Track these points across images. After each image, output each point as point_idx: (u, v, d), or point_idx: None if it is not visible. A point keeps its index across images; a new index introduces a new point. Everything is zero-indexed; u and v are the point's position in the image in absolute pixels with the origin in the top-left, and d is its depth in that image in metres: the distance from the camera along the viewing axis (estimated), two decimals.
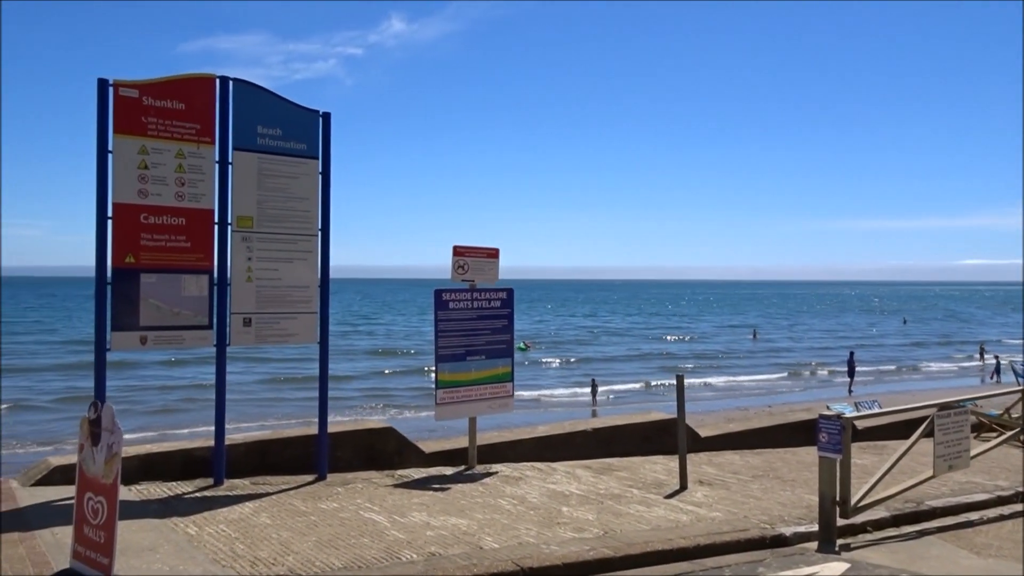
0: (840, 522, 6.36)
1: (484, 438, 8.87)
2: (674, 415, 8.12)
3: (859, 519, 6.62)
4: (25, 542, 5.12)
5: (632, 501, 7.07)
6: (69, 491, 6.25)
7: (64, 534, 5.19)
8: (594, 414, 27.21)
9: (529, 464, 8.55)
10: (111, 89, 6.27)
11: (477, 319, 8.35)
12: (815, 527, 6.35)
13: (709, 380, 35.65)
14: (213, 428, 7.05)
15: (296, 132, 7.23)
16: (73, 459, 6.91)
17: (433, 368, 8.55)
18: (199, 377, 28.59)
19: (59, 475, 6.66)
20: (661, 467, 8.75)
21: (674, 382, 8.04)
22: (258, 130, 7.01)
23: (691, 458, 8.47)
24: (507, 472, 8.09)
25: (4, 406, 21.28)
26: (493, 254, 8.60)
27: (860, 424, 10.80)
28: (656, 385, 33.59)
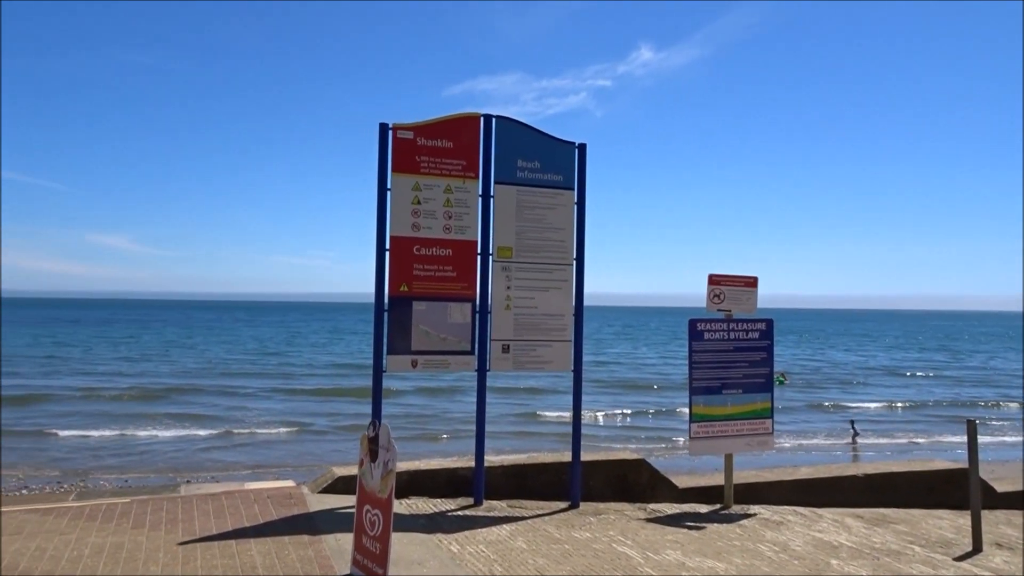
0: None
1: (740, 476, 8.42)
2: (962, 464, 7.16)
3: None
4: (313, 545, 5.64)
5: (914, 560, 6.30)
6: (350, 500, 6.84)
7: (345, 540, 5.65)
8: (855, 458, 24.99)
9: (791, 508, 7.97)
10: (390, 132, 6.86)
11: (733, 351, 8.00)
12: None
13: (1007, 427, 31.26)
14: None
15: (553, 164, 7.43)
16: (352, 470, 7.58)
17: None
18: (416, 408, 29.93)
19: (342, 484, 7.31)
20: (947, 523, 7.75)
21: (954, 432, 7.09)
22: (518, 163, 7.29)
23: (985, 515, 7.41)
24: (767, 515, 7.60)
25: (290, 429, 23.88)
26: (751, 283, 8.21)
27: None
28: (934, 432, 30.08)
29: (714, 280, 8.06)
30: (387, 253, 6.85)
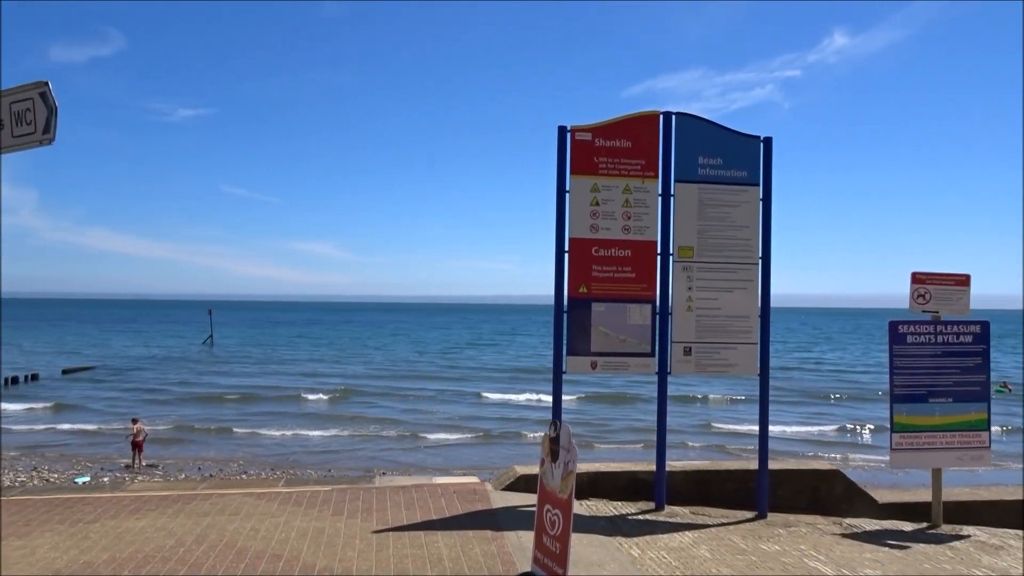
0: None
1: (950, 494, 7.68)
2: None
3: None
4: (496, 541, 5.78)
5: None
6: (531, 498, 6.93)
7: (526, 538, 5.73)
8: None
9: (1013, 532, 7.16)
10: (568, 135, 6.90)
11: (942, 356, 7.31)
12: None
13: None
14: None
15: (736, 160, 7.15)
16: (534, 468, 7.68)
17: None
18: (588, 414, 29.49)
19: (523, 483, 7.44)
20: None
21: None
22: (699, 161, 7.09)
23: None
24: (983, 537, 6.88)
25: (473, 433, 24.52)
26: (962, 281, 7.47)
27: None
28: None
29: (918, 279, 7.42)
30: (566, 255, 6.89)
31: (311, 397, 32.52)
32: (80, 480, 17.06)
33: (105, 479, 17.47)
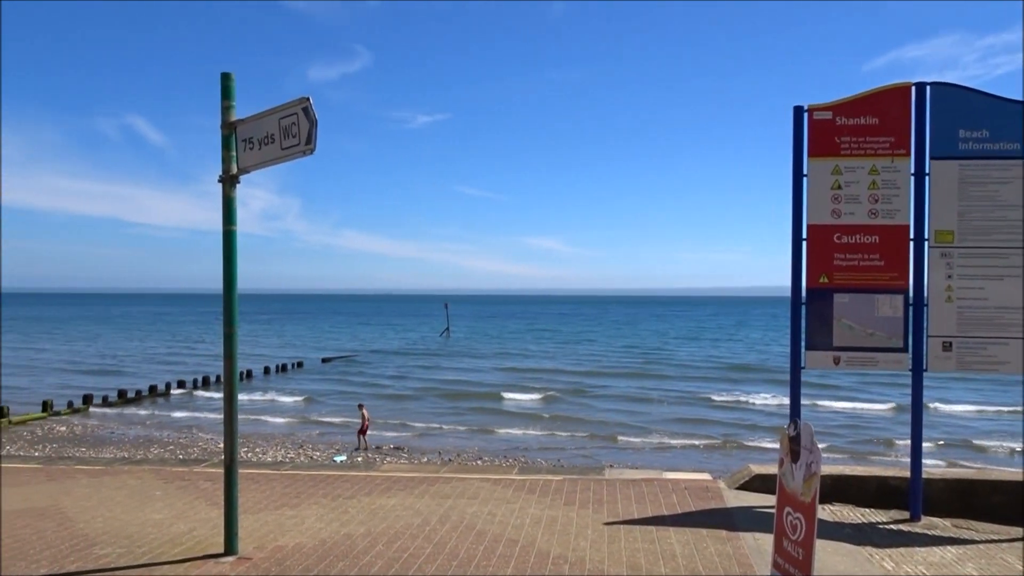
0: None
1: None
2: None
3: None
4: (731, 541, 5.57)
5: None
6: (766, 499, 6.64)
7: (763, 540, 5.48)
8: None
9: None
10: (805, 115, 6.48)
11: None
12: None
13: None
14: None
15: (1006, 131, 6.33)
16: (770, 468, 7.34)
17: None
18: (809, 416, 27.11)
19: (758, 482, 7.12)
20: None
21: None
22: (959, 135, 6.36)
23: None
24: None
25: (697, 437, 23.82)
26: None
27: None
28: None
29: None
30: (804, 243, 6.49)
31: (530, 397, 33.22)
32: (338, 459, 18.82)
33: (359, 459, 19.15)
